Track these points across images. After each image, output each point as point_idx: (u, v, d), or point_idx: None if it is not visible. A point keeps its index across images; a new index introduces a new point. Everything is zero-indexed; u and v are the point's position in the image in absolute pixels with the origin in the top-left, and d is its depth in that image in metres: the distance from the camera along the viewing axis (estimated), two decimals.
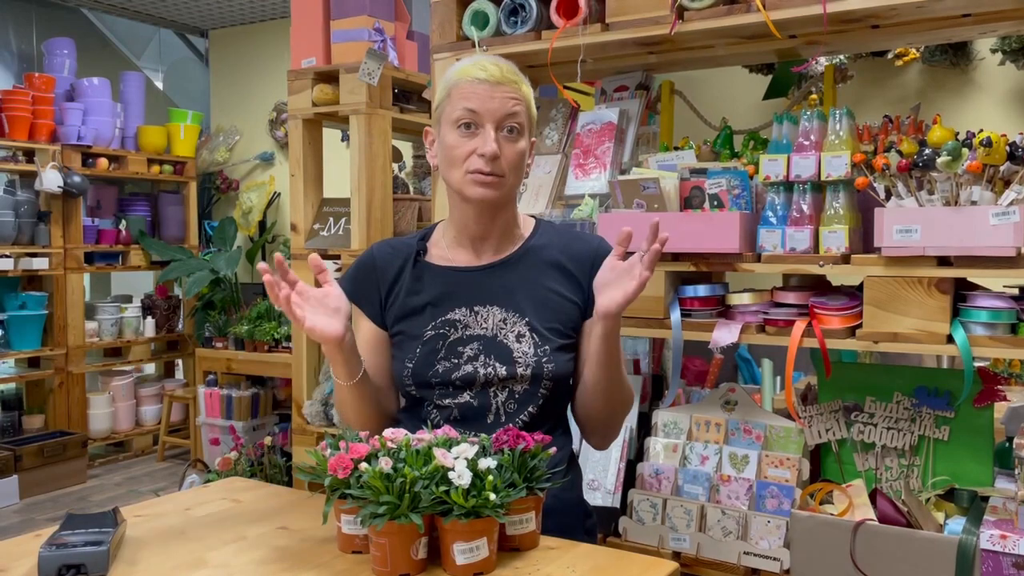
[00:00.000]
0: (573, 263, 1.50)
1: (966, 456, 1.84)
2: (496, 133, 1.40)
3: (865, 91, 3.87)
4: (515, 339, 1.45)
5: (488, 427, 1.43)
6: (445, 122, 1.43)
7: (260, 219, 5.75)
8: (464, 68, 1.43)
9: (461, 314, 1.47)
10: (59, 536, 1.23)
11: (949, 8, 1.80)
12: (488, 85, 1.40)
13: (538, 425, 1.46)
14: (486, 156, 1.39)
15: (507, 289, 1.48)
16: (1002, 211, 1.63)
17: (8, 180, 5.05)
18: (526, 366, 1.44)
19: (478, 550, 1.18)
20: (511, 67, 1.45)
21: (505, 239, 1.51)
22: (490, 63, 1.42)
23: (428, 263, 1.52)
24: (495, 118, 1.40)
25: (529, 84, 1.47)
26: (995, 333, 1.70)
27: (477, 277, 1.49)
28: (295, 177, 3.41)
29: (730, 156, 2.28)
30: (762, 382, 2.88)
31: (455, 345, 1.46)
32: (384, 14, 3.29)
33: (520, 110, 1.42)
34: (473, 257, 1.51)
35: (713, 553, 1.88)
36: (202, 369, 4.96)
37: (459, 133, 1.41)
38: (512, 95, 1.41)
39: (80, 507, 4.38)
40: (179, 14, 5.91)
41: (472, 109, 1.39)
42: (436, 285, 1.50)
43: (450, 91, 1.43)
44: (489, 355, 1.44)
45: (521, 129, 1.43)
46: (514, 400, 1.45)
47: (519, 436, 1.27)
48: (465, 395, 1.46)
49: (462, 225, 1.50)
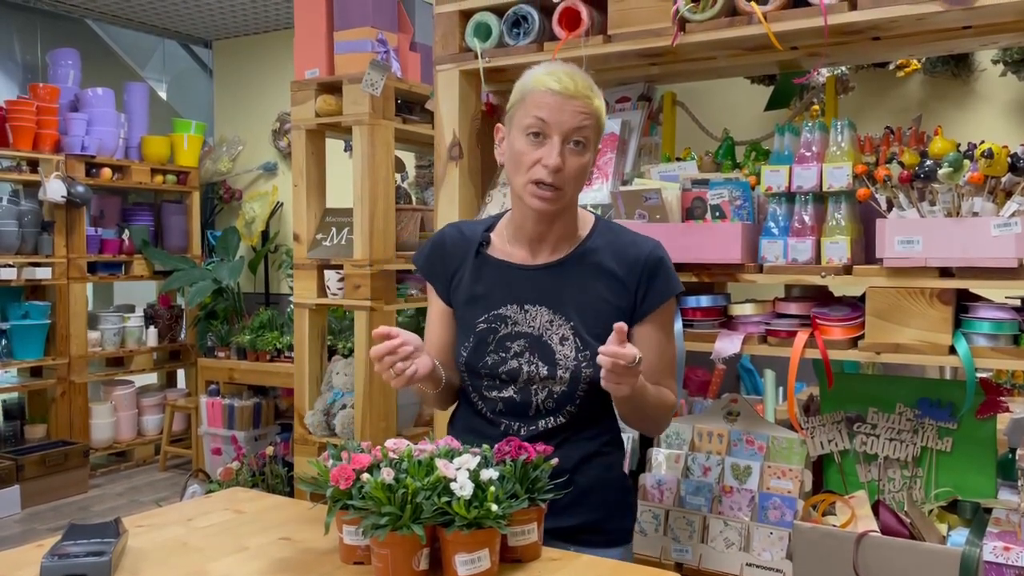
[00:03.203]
0: (624, 270, 1.53)
1: (969, 467, 1.84)
2: (562, 146, 1.43)
3: (866, 102, 3.88)
4: (559, 341, 1.50)
5: (529, 419, 1.52)
6: (516, 126, 1.47)
7: (263, 229, 5.77)
8: (540, 77, 1.44)
9: (512, 310, 1.53)
10: (61, 546, 1.23)
11: (950, 20, 1.81)
12: (561, 97, 1.41)
13: (578, 422, 1.53)
14: (549, 168, 1.42)
15: (557, 292, 1.52)
16: (1003, 222, 1.63)
17: (12, 190, 5.07)
18: (566, 368, 1.49)
19: (480, 561, 1.18)
20: (586, 80, 1.46)
21: (562, 240, 1.55)
22: (565, 75, 1.43)
23: (488, 255, 1.58)
24: (563, 130, 1.42)
25: (601, 97, 1.49)
26: (997, 344, 1.70)
27: (530, 276, 1.54)
28: (298, 187, 3.42)
29: (732, 167, 2.28)
30: (764, 393, 2.88)
31: (504, 340, 1.52)
32: (387, 25, 3.30)
33: (589, 124, 1.45)
34: (529, 255, 1.56)
35: (715, 564, 1.87)
36: (204, 379, 4.96)
37: (527, 140, 1.44)
38: (583, 109, 1.43)
39: (81, 517, 4.37)
40: (183, 25, 5.93)
41: (542, 119, 1.42)
42: (492, 279, 1.55)
43: (524, 97, 1.45)
44: (534, 353, 1.50)
45: (587, 143, 1.46)
46: (552, 399, 1.51)
47: (521, 447, 1.28)
48: (509, 389, 1.52)
49: (521, 224, 1.55)
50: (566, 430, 1.52)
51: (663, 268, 1.53)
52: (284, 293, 5.80)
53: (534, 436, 1.49)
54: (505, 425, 1.53)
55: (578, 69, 1.49)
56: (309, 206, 3.42)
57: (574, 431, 1.53)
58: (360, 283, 3.22)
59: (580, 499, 1.50)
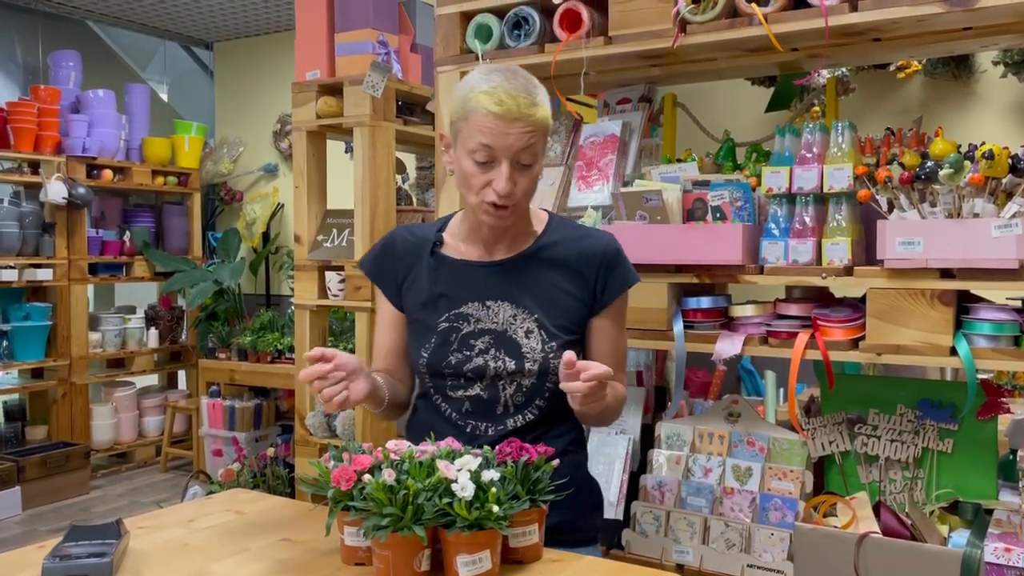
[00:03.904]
0: (582, 262, 1.53)
1: (970, 468, 1.84)
2: (511, 169, 1.41)
3: (867, 103, 3.88)
4: (524, 335, 1.49)
5: (497, 418, 1.51)
6: (461, 146, 1.44)
7: (264, 230, 5.77)
8: (479, 97, 1.39)
9: (474, 308, 1.52)
10: (63, 548, 1.24)
11: (950, 22, 1.81)
12: (504, 121, 1.38)
13: (547, 416, 1.52)
14: (500, 193, 1.41)
15: (518, 286, 1.52)
16: (1004, 223, 1.63)
17: (13, 191, 5.07)
18: (533, 361, 1.48)
19: (481, 562, 1.18)
20: (527, 95, 1.40)
21: (518, 238, 1.55)
22: (506, 93, 1.38)
23: (444, 255, 1.56)
24: (510, 154, 1.40)
25: (545, 97, 1.44)
26: (998, 345, 1.70)
27: (489, 273, 1.53)
28: (299, 189, 3.43)
29: (733, 168, 2.28)
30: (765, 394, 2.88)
31: (467, 338, 1.51)
32: (388, 27, 3.30)
33: (536, 140, 1.42)
34: (485, 253, 1.55)
35: (716, 566, 1.87)
36: (205, 380, 4.97)
37: (475, 164, 1.42)
38: (527, 129, 1.39)
39: (82, 518, 4.38)
40: (184, 27, 5.94)
41: (488, 144, 1.39)
42: (450, 278, 1.54)
43: (467, 116, 1.41)
44: (499, 349, 1.49)
45: (536, 156, 1.44)
46: (522, 394, 1.51)
47: (522, 448, 1.28)
48: (476, 387, 1.51)
49: (475, 227, 1.54)
50: (535, 428, 1.51)
51: (620, 260, 1.55)
52: (285, 294, 5.80)
53: (503, 436, 1.47)
54: (472, 426, 1.51)
55: (519, 74, 1.43)
56: (310, 207, 3.42)
57: (544, 428, 1.52)
58: (361, 284, 3.22)
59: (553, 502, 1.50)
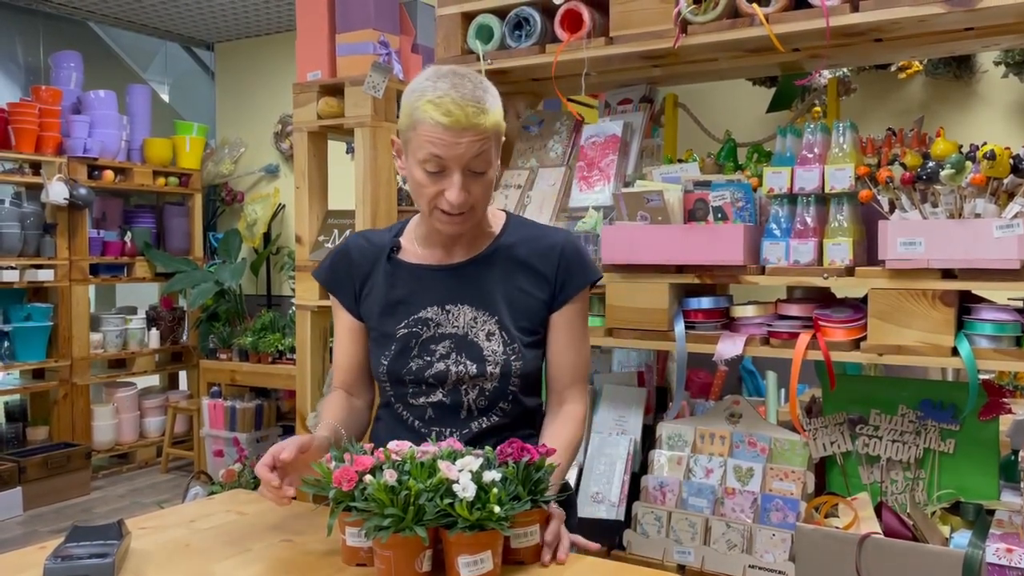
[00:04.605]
0: (540, 260, 1.52)
1: (971, 469, 1.84)
2: (463, 178, 1.38)
3: (868, 104, 3.88)
4: (485, 337, 1.47)
5: (461, 423, 1.48)
6: (411, 155, 1.40)
7: (265, 231, 5.77)
8: (427, 107, 1.35)
9: (433, 312, 1.50)
10: (64, 548, 1.23)
11: (952, 22, 1.81)
12: (452, 132, 1.34)
13: (513, 421, 1.51)
14: (453, 203, 1.38)
15: (477, 288, 1.50)
16: (1006, 224, 1.63)
17: (14, 192, 5.08)
18: (495, 364, 1.46)
19: (482, 563, 1.18)
20: (476, 103, 1.35)
21: (475, 240, 1.53)
22: (453, 104, 1.34)
23: (401, 260, 1.54)
24: (461, 163, 1.37)
25: (495, 100, 1.40)
26: (1000, 346, 1.70)
27: (448, 276, 1.51)
28: (300, 189, 3.42)
29: (734, 169, 2.28)
30: (766, 394, 2.88)
31: (427, 343, 1.49)
32: (389, 27, 3.30)
33: (487, 147, 1.38)
34: (444, 255, 1.53)
35: (718, 566, 1.87)
36: (206, 380, 4.97)
37: (426, 174, 1.39)
38: (477, 137, 1.35)
39: (84, 519, 4.38)
40: (185, 27, 5.94)
41: (438, 155, 1.36)
42: (408, 283, 1.52)
43: (415, 124, 1.37)
44: (460, 353, 1.47)
45: (488, 162, 1.40)
46: (485, 397, 1.49)
47: (523, 448, 1.28)
48: (438, 393, 1.49)
49: (431, 231, 1.51)
50: (500, 431, 1.48)
51: (579, 256, 1.53)
52: (286, 295, 5.80)
53: (468, 441, 1.44)
54: (436, 432, 1.47)
55: (466, 79, 1.38)
56: (311, 208, 3.42)
57: (509, 432, 1.48)
58: None
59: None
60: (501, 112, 1.42)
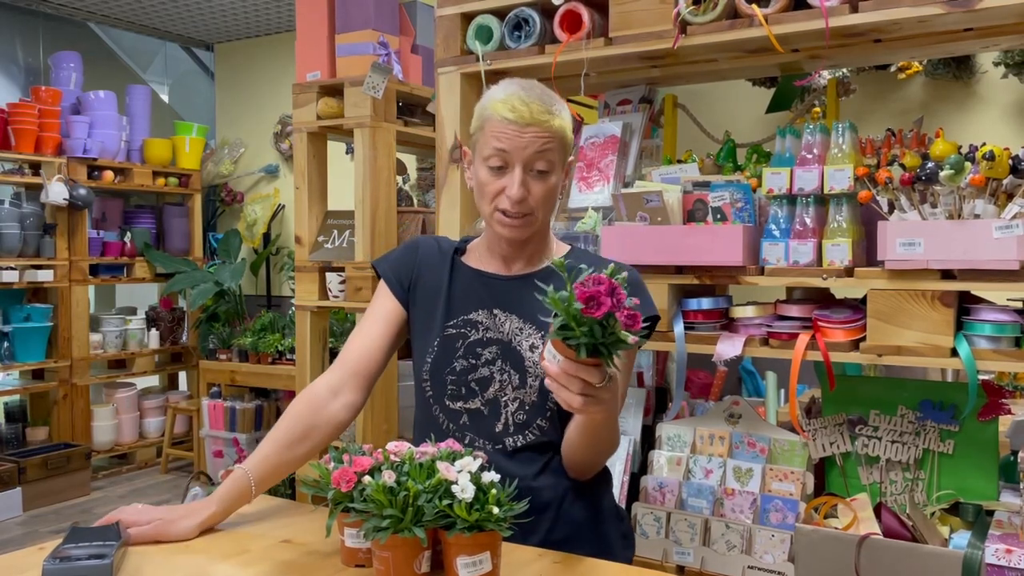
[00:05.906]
0: None
1: (971, 470, 1.84)
2: (525, 174, 1.39)
3: (868, 104, 3.88)
4: (528, 348, 1.47)
5: (496, 436, 1.45)
6: (478, 155, 1.44)
7: (264, 231, 5.77)
8: (495, 104, 1.40)
9: (482, 315, 1.50)
10: (63, 549, 1.23)
11: (951, 22, 1.81)
12: (517, 126, 1.37)
13: (546, 440, 1.46)
14: (512, 199, 1.40)
15: (528, 300, 1.48)
16: (1005, 224, 1.63)
17: (14, 193, 5.08)
18: (536, 376, 1.45)
19: (481, 564, 1.17)
20: (544, 101, 1.40)
21: (536, 255, 1.53)
22: (520, 101, 1.38)
23: (463, 263, 1.56)
24: (524, 159, 1.39)
25: (564, 111, 1.44)
26: (999, 346, 1.70)
27: (502, 284, 1.52)
28: (299, 190, 3.43)
29: (733, 169, 2.28)
30: (766, 395, 2.88)
31: (474, 346, 1.48)
32: (389, 28, 3.31)
33: (551, 147, 1.40)
34: (503, 266, 1.54)
35: (717, 567, 1.87)
36: (206, 381, 4.97)
37: (489, 171, 1.42)
38: (542, 135, 1.38)
39: (83, 519, 4.37)
40: (185, 28, 5.94)
41: (502, 149, 1.39)
42: (464, 284, 1.53)
43: (483, 125, 1.42)
44: (505, 361, 1.46)
45: (552, 165, 1.41)
46: (524, 411, 1.46)
47: (614, 289, 1.19)
48: (476, 401, 1.47)
49: (494, 243, 1.53)
50: (534, 450, 1.45)
51: (638, 291, 1.46)
52: (286, 295, 5.80)
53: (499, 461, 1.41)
54: (470, 438, 1.46)
55: (536, 86, 1.42)
56: (311, 208, 3.42)
57: (553, 452, 1.45)
58: (361, 285, 3.22)
59: (577, 534, 1.45)
60: (570, 123, 1.44)
